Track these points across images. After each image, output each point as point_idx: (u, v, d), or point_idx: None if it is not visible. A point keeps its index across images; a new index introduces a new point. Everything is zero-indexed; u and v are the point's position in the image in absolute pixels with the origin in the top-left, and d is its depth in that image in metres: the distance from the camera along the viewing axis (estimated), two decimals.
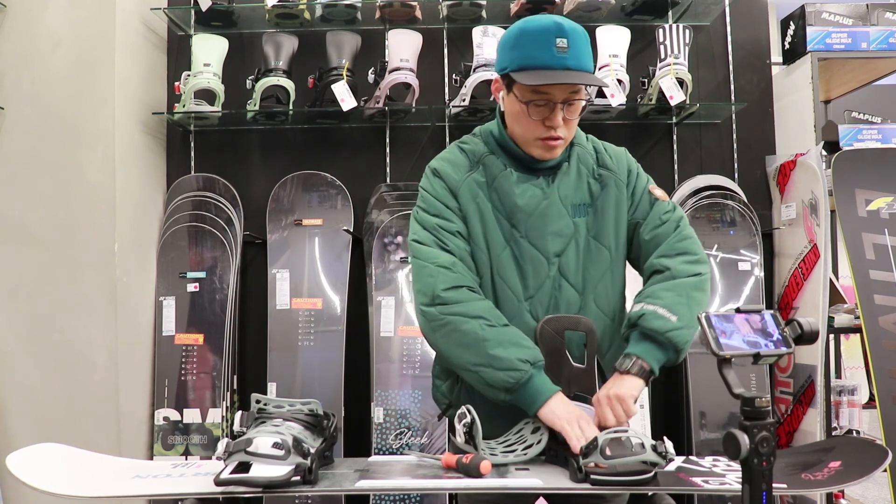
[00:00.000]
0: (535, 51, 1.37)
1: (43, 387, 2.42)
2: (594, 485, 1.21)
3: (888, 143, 2.90)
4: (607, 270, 1.50)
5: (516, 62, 1.39)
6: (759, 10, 2.91)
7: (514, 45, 1.41)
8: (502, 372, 1.34)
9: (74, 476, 1.26)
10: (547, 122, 1.41)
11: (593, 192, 1.50)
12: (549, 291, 1.46)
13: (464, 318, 1.38)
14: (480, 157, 1.50)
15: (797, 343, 1.12)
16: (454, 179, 1.49)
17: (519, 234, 1.46)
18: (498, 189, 1.47)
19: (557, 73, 1.36)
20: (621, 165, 1.54)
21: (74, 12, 2.45)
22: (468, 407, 1.38)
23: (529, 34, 1.39)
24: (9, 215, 2.45)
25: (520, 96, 1.41)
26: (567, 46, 1.37)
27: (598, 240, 1.49)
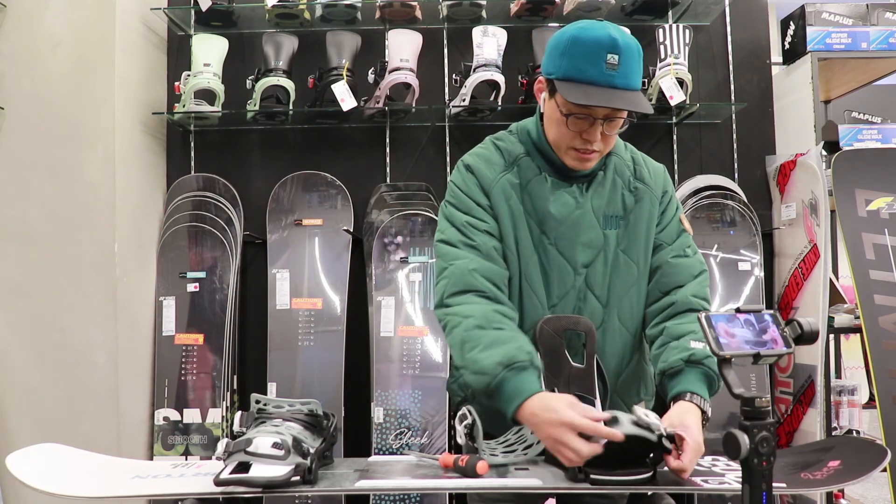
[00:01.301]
0: (584, 64, 1.32)
1: (43, 387, 2.42)
2: (594, 484, 1.21)
3: (888, 143, 2.90)
4: (634, 285, 1.48)
5: (563, 71, 1.35)
6: (759, 10, 2.91)
7: (563, 52, 1.36)
8: (474, 375, 1.32)
9: (74, 476, 1.26)
10: (585, 135, 1.38)
11: (627, 204, 1.48)
12: (574, 302, 1.44)
13: (457, 320, 1.36)
14: (516, 157, 1.48)
15: (797, 343, 1.12)
16: (488, 178, 1.46)
17: (548, 241, 1.44)
18: (531, 193, 1.45)
19: (603, 91, 1.32)
20: (658, 182, 1.52)
21: (74, 12, 2.45)
22: (469, 408, 1.38)
23: (581, 45, 1.33)
24: (9, 215, 2.45)
25: (561, 106, 1.38)
26: (618, 63, 1.32)
27: (627, 253, 1.47)
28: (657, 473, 1.25)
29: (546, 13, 2.70)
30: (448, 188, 1.50)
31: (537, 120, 1.49)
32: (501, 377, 1.28)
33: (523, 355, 1.30)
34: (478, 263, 1.40)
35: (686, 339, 1.39)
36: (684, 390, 1.34)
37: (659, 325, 1.46)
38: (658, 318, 1.47)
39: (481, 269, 1.40)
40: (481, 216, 1.44)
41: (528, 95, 2.62)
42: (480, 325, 1.34)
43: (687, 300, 1.45)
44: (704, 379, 1.35)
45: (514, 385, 1.27)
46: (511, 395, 1.27)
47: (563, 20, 2.71)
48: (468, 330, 1.34)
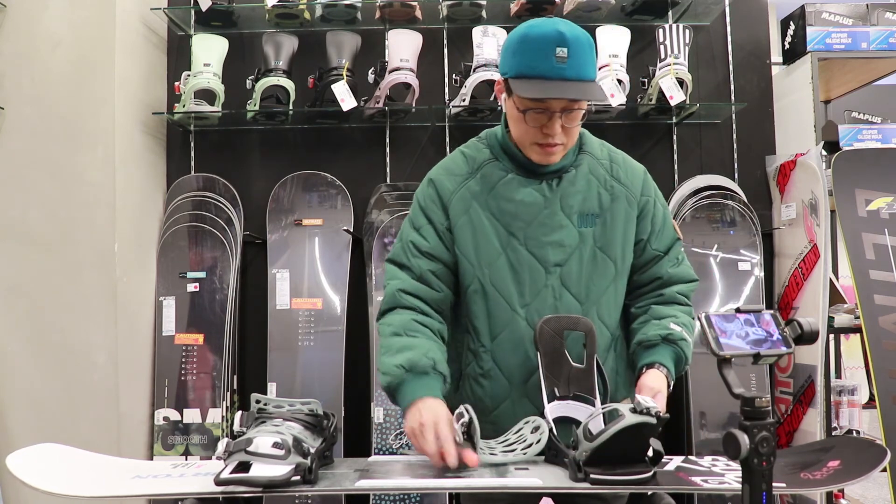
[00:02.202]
0: (534, 60, 1.35)
1: (43, 387, 2.42)
2: (594, 484, 1.21)
3: (888, 143, 2.90)
4: (611, 283, 1.50)
5: (515, 69, 1.38)
6: (759, 10, 2.91)
7: (514, 50, 1.39)
8: (383, 376, 1.40)
9: (74, 476, 1.26)
10: (545, 129, 1.39)
11: (603, 203, 1.49)
12: (550, 301, 1.45)
13: (381, 329, 1.46)
14: (481, 164, 1.50)
15: (797, 343, 1.12)
16: (448, 190, 1.49)
17: (517, 241, 1.45)
18: (497, 196, 1.46)
19: (555, 84, 1.34)
20: (636, 182, 1.52)
21: (74, 12, 2.45)
22: (466, 406, 1.38)
23: (530, 41, 1.36)
24: (9, 215, 2.45)
25: (518, 103, 1.40)
26: (567, 56, 1.33)
27: (604, 251, 1.48)
28: (657, 473, 1.25)
29: (546, 13, 2.69)
30: (412, 204, 1.55)
31: (503, 122, 1.51)
32: (401, 379, 1.37)
33: (425, 361, 1.38)
34: (408, 284, 1.47)
35: (667, 320, 1.48)
36: (656, 361, 1.43)
37: (644, 306, 1.53)
38: (645, 299, 1.54)
39: (409, 289, 1.47)
40: (427, 235, 1.48)
41: None
42: (397, 332, 1.43)
43: (674, 295, 1.53)
44: (674, 357, 1.45)
45: (414, 386, 1.37)
46: (409, 393, 1.37)
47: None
48: (385, 337, 1.44)
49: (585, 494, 1.25)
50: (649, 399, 1.23)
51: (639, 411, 1.20)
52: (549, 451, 1.35)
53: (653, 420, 1.19)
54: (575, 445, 1.25)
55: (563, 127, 1.39)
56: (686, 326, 1.49)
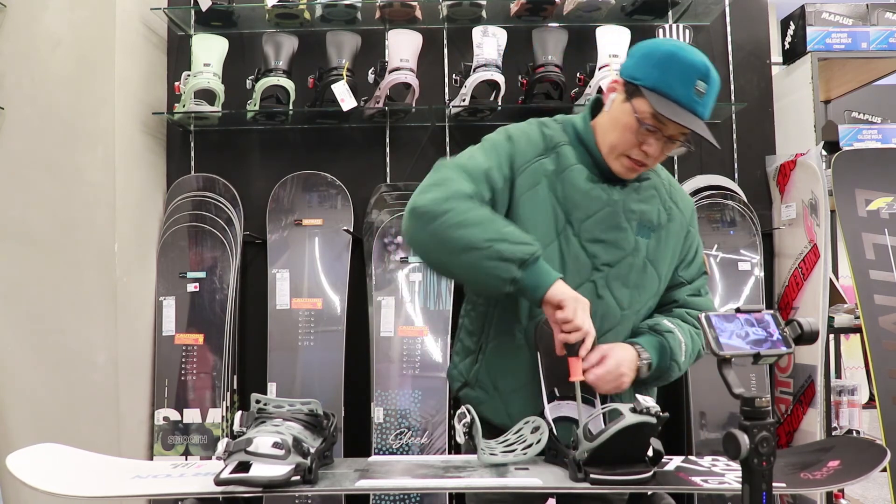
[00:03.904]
0: (677, 82, 1.35)
1: (43, 387, 2.42)
2: (594, 484, 1.21)
3: (888, 143, 2.90)
4: (652, 297, 1.51)
5: (653, 81, 1.37)
6: (759, 10, 2.91)
7: (657, 63, 1.37)
8: (518, 245, 1.31)
9: (74, 476, 1.26)
10: (645, 147, 1.40)
11: (661, 219, 1.50)
12: (589, 297, 1.42)
13: (470, 205, 1.35)
14: (557, 144, 1.48)
15: (797, 343, 1.12)
16: (523, 157, 1.46)
17: (572, 230, 1.44)
18: (564, 181, 1.45)
19: (686, 114, 1.36)
20: (687, 211, 1.57)
21: (74, 12, 2.45)
22: (467, 406, 1.39)
23: (678, 63, 1.36)
24: (9, 215, 2.45)
25: (638, 112, 1.38)
26: (704, 93, 1.36)
27: (654, 265, 1.49)
28: (657, 473, 1.25)
29: (546, 13, 2.70)
30: (482, 142, 1.49)
31: (586, 117, 1.50)
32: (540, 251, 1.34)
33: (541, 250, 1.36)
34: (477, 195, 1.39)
35: (662, 318, 1.49)
36: (634, 342, 1.44)
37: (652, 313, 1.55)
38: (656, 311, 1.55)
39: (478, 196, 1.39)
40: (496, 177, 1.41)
41: (528, 95, 2.62)
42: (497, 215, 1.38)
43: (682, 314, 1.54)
44: (657, 345, 1.44)
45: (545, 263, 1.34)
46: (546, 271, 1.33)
47: (563, 20, 2.71)
48: (490, 213, 1.36)
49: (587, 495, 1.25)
50: (649, 398, 1.23)
51: (639, 411, 1.20)
52: (549, 452, 1.35)
53: (653, 420, 1.20)
54: (575, 445, 1.25)
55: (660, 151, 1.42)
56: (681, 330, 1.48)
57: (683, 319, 1.52)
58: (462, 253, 1.32)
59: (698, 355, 1.53)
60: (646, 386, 1.48)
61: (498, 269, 1.31)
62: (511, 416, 1.45)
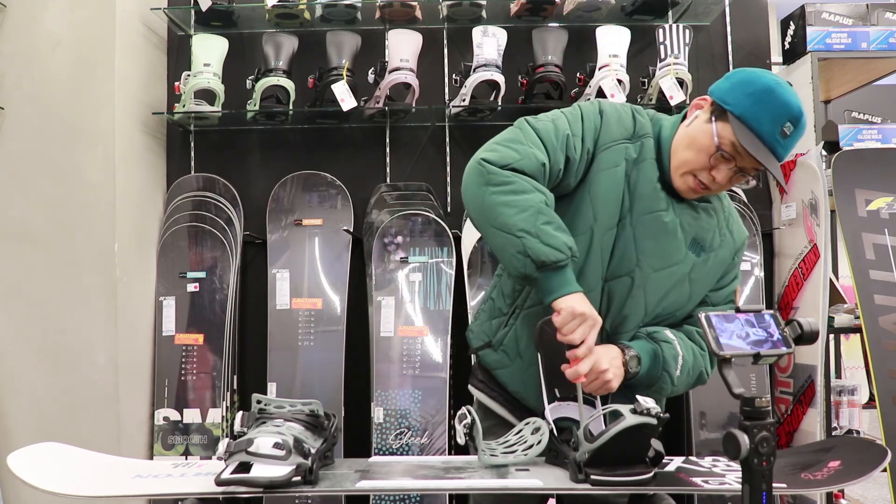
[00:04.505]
0: (766, 118, 1.35)
1: (43, 387, 2.42)
2: (594, 485, 1.21)
3: (888, 143, 2.90)
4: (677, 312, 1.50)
5: (742, 109, 1.36)
6: (759, 10, 2.91)
7: (752, 94, 1.36)
8: (547, 247, 1.31)
9: (74, 476, 1.26)
10: (714, 171, 1.40)
11: (714, 243, 1.50)
12: (624, 291, 1.44)
13: (529, 186, 1.35)
14: (644, 134, 1.47)
15: (797, 343, 1.12)
16: (610, 135, 1.45)
17: (629, 221, 1.43)
18: (640, 171, 1.44)
19: (766, 150, 1.35)
20: (739, 243, 1.56)
21: (74, 12, 2.45)
22: (468, 408, 1.39)
23: (774, 99, 1.35)
24: (9, 215, 2.45)
25: (718, 136, 1.38)
26: (789, 136, 1.36)
27: (692, 283, 1.48)
28: (658, 474, 1.25)
29: (546, 13, 2.70)
30: (572, 107, 1.49)
31: (676, 123, 1.48)
32: (566, 261, 1.33)
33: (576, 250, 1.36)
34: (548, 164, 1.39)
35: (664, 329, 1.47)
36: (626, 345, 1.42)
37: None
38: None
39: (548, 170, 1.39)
40: (576, 146, 1.41)
41: (528, 95, 2.62)
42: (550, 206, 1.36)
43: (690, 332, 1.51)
44: (651, 351, 1.42)
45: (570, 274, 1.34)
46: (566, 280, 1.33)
47: (563, 20, 2.71)
48: (542, 204, 1.34)
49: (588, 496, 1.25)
50: (650, 400, 1.23)
51: (639, 412, 1.20)
52: (550, 452, 1.35)
53: (653, 420, 1.20)
54: (575, 446, 1.25)
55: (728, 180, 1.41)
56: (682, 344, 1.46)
57: (690, 336, 1.50)
58: (496, 229, 1.34)
59: (699, 378, 1.50)
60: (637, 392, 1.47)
61: (517, 261, 1.33)
62: (526, 385, 1.47)
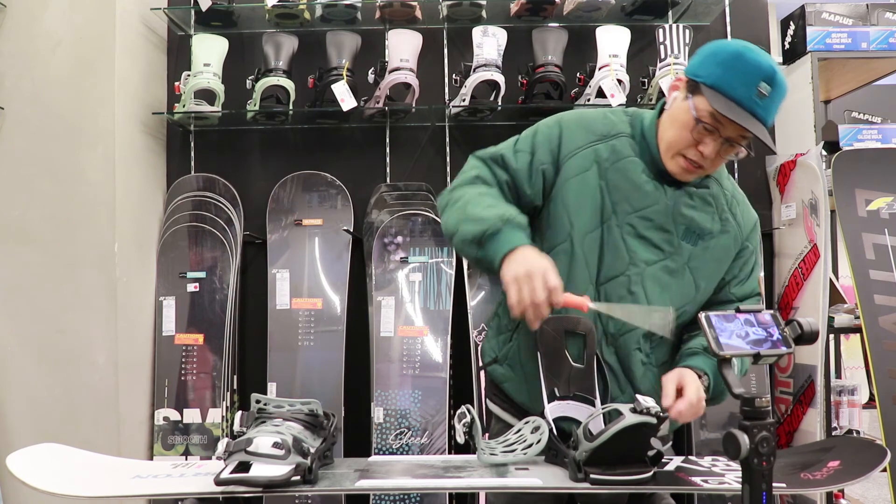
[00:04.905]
0: (738, 82, 1.33)
1: (43, 387, 2.42)
2: (594, 484, 1.21)
3: (888, 143, 2.89)
4: (686, 305, 1.47)
5: (714, 79, 1.35)
6: (759, 10, 2.91)
7: (722, 62, 1.35)
8: (473, 223, 1.35)
9: (74, 476, 1.26)
10: (700, 147, 1.38)
11: (713, 229, 1.47)
12: (622, 292, 1.43)
13: (460, 192, 1.43)
14: (618, 133, 1.47)
15: (797, 343, 1.12)
16: (573, 144, 1.46)
17: (615, 220, 1.43)
18: (618, 170, 1.44)
19: (745, 114, 1.33)
20: (747, 227, 1.52)
21: (74, 12, 2.45)
22: (467, 406, 1.39)
23: (743, 62, 1.34)
24: (9, 215, 2.45)
25: (696, 110, 1.37)
26: (767, 95, 1.34)
27: (693, 273, 1.46)
28: (657, 473, 1.25)
29: (546, 13, 2.70)
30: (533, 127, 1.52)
31: (655, 115, 1.48)
32: (498, 227, 1.33)
33: (521, 218, 1.37)
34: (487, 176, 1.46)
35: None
36: (691, 366, 1.38)
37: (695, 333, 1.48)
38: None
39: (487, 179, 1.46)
40: (520, 160, 1.45)
41: (528, 95, 2.62)
42: (482, 194, 1.41)
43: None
44: (714, 368, 1.37)
45: (511, 235, 1.33)
46: (506, 241, 1.32)
47: (563, 20, 2.71)
48: (472, 197, 1.40)
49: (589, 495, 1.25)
50: (649, 399, 1.23)
51: (639, 411, 1.20)
52: (550, 452, 1.35)
53: (653, 420, 1.19)
54: (575, 445, 1.25)
55: (717, 153, 1.39)
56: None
57: None
58: (449, 238, 1.42)
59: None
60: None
61: (466, 251, 1.38)
62: (530, 396, 1.46)
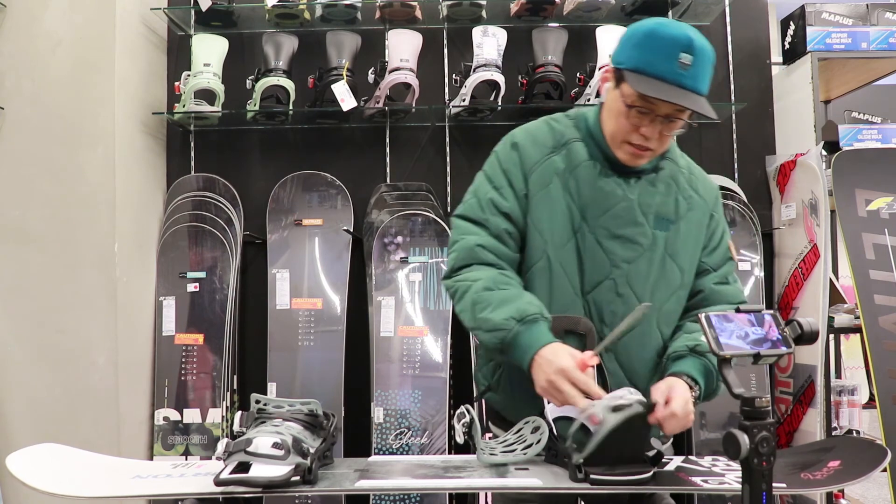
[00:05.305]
0: (657, 58, 1.31)
1: (43, 387, 2.42)
2: (593, 484, 1.21)
3: (888, 143, 2.90)
4: (676, 292, 1.46)
5: (634, 62, 1.34)
6: (759, 10, 2.91)
7: (637, 43, 1.34)
8: (489, 333, 1.34)
9: (74, 476, 1.26)
10: (642, 130, 1.36)
11: (680, 209, 1.46)
12: (610, 296, 1.42)
13: (466, 285, 1.39)
14: (567, 140, 1.46)
15: (797, 343, 1.12)
16: (532, 159, 1.45)
17: (587, 228, 1.42)
18: (577, 178, 1.43)
19: (671, 88, 1.31)
20: (710, 199, 1.51)
21: (74, 12, 2.45)
22: (467, 406, 1.39)
23: (657, 39, 1.32)
24: (9, 215, 2.45)
25: (625, 97, 1.35)
26: (690, 64, 1.30)
27: (673, 258, 1.45)
28: (657, 473, 1.25)
29: (546, 13, 2.70)
30: (489, 158, 1.50)
31: (597, 110, 1.48)
32: (516, 331, 1.31)
33: (533, 309, 1.33)
34: (486, 241, 1.43)
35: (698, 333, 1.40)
36: (680, 371, 1.35)
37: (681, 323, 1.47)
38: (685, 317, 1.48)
39: (488, 245, 1.43)
40: (506, 196, 1.44)
41: (528, 95, 2.62)
42: (488, 287, 1.37)
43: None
44: (703, 369, 1.36)
45: (528, 337, 1.31)
46: (526, 346, 1.31)
47: (563, 20, 2.71)
48: (477, 292, 1.37)
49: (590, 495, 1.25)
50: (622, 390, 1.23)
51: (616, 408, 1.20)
52: (549, 452, 1.35)
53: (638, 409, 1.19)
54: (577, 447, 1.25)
55: (660, 133, 1.37)
56: None
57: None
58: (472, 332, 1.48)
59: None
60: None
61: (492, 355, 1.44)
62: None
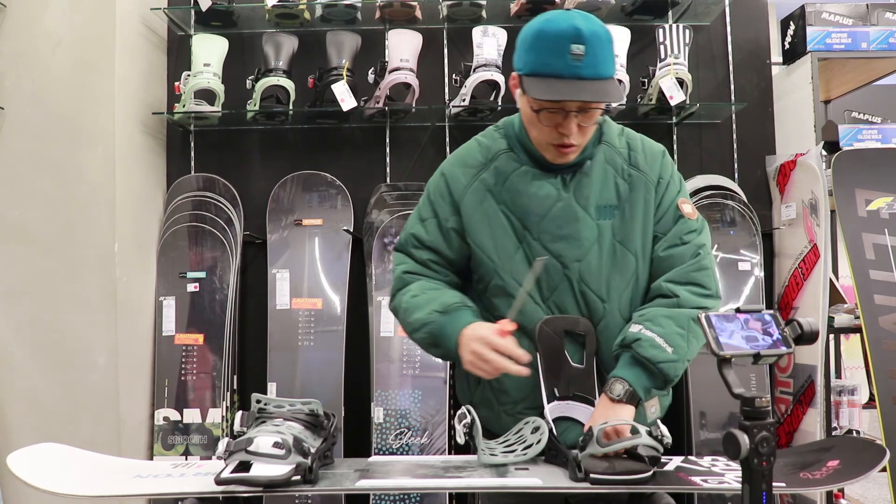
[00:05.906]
0: (549, 57, 1.30)
1: (43, 387, 2.42)
2: (594, 484, 1.21)
3: (888, 143, 2.90)
4: (632, 278, 1.43)
5: (529, 66, 1.33)
6: (759, 10, 2.91)
7: (528, 46, 1.34)
8: (419, 332, 1.42)
9: (74, 476, 1.26)
10: (560, 129, 1.35)
11: (621, 192, 1.43)
12: (570, 297, 1.41)
13: (399, 301, 1.48)
14: (495, 154, 1.47)
15: (797, 343, 1.12)
16: (460, 184, 1.47)
17: (531, 235, 1.42)
18: (510, 189, 1.43)
19: (569, 83, 1.29)
20: (654, 167, 1.45)
21: (74, 12, 2.45)
22: (468, 407, 1.39)
23: (545, 38, 1.31)
24: (9, 215, 2.45)
25: (531, 103, 1.35)
26: (583, 53, 1.28)
27: (624, 245, 1.42)
28: (657, 473, 1.25)
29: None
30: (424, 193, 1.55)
31: (520, 114, 1.47)
32: (440, 322, 1.39)
33: (455, 299, 1.42)
34: (413, 267, 1.51)
35: (631, 323, 1.40)
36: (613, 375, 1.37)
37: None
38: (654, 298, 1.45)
39: (414, 270, 1.50)
40: (429, 228, 1.49)
41: None
42: (415, 294, 1.45)
43: (658, 287, 1.43)
44: (633, 362, 1.36)
45: (452, 324, 1.38)
46: (451, 332, 1.38)
47: None
48: (407, 302, 1.45)
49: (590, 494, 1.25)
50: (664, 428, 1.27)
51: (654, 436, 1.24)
52: (549, 452, 1.35)
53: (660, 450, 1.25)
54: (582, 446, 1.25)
55: (578, 126, 1.35)
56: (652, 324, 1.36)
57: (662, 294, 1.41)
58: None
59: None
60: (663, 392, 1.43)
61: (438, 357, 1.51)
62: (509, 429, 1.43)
